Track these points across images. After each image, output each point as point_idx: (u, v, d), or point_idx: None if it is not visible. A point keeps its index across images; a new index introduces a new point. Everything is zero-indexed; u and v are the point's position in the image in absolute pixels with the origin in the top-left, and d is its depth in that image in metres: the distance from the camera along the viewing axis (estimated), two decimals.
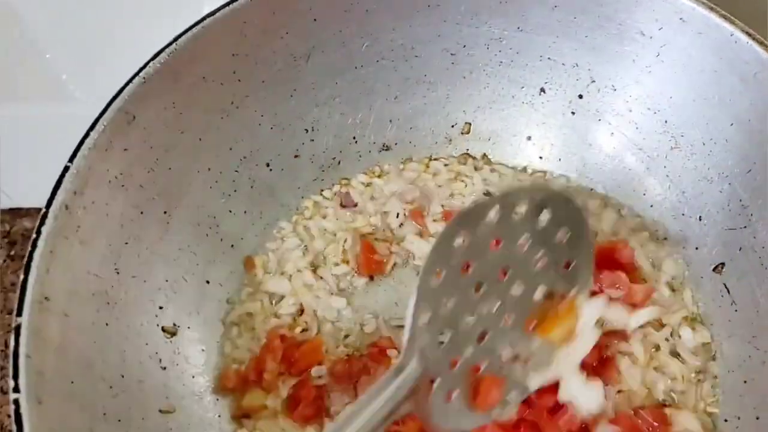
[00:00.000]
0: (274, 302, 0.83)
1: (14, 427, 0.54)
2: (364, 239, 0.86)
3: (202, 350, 0.78)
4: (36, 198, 1.02)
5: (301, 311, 0.82)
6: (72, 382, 0.61)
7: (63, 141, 0.66)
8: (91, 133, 0.66)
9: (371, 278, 0.85)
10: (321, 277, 0.85)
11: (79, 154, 0.65)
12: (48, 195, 0.63)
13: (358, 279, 0.85)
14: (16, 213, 1.03)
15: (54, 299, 0.61)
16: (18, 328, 0.57)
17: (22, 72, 0.96)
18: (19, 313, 0.58)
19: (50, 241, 0.61)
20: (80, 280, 0.65)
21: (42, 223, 0.61)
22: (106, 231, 0.69)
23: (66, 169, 0.64)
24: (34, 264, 0.60)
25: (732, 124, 0.74)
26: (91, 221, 0.66)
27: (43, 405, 0.56)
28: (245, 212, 0.84)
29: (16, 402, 0.55)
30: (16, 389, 0.55)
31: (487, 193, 0.89)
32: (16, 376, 0.55)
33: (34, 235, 0.61)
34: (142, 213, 0.73)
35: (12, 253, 1.02)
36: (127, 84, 0.68)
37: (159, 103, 0.72)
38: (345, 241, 0.86)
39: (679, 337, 0.78)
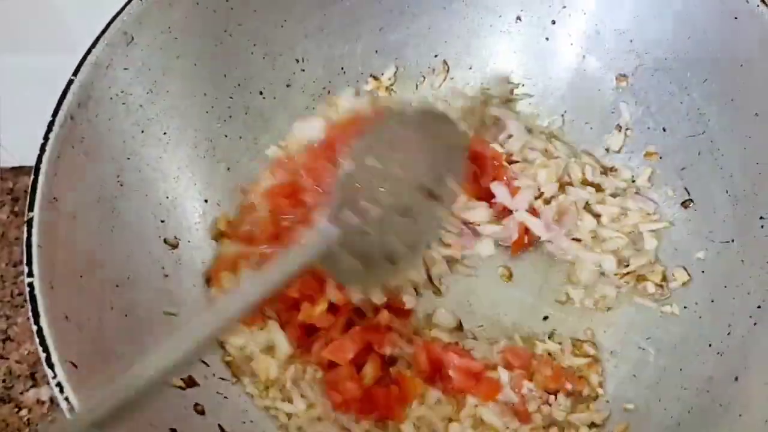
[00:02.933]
0: None
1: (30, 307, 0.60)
2: None
3: (202, 263, 0.83)
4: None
5: None
6: (81, 276, 0.66)
7: None
8: (93, 50, 0.71)
9: None
10: None
11: (82, 68, 0.70)
12: None
13: None
14: (19, 171, 1.05)
15: (62, 201, 0.67)
16: (30, 221, 0.63)
17: (28, 21, 0.98)
18: (31, 209, 0.64)
19: (57, 147, 0.67)
20: (86, 187, 0.71)
21: (49, 129, 0.67)
22: (109, 145, 0.74)
23: (70, 82, 0.69)
24: (42, 167, 0.66)
25: (689, 38, 0.79)
26: (95, 134, 0.72)
27: (55, 290, 0.61)
28: (240, 137, 0.89)
29: (31, 285, 0.60)
30: (30, 274, 0.61)
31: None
32: (30, 263, 0.61)
33: (42, 141, 0.66)
34: (142, 132, 0.78)
35: (15, 209, 1.04)
36: (126, 5, 0.73)
37: (156, 26, 0.77)
38: None
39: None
